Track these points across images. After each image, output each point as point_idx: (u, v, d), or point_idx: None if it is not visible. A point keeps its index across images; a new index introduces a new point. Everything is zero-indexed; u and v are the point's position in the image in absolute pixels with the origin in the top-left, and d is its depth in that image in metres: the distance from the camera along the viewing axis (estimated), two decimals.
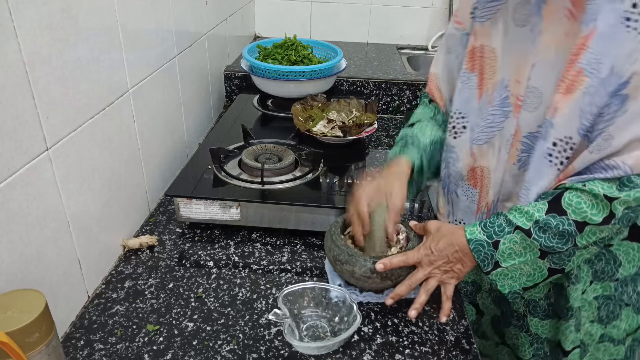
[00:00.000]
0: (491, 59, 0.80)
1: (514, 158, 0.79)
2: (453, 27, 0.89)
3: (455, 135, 0.88)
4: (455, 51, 0.89)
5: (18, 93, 0.62)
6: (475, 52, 0.83)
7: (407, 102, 1.65)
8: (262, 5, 2.11)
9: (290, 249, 0.97)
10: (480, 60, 0.82)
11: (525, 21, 0.75)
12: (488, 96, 0.82)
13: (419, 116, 0.98)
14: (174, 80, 1.18)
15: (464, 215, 0.91)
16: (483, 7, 0.80)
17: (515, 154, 0.78)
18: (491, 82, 0.81)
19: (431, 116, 0.97)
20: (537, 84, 0.73)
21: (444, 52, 0.92)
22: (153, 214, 1.06)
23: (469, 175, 0.87)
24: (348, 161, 1.19)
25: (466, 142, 0.86)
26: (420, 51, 2.13)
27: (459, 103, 0.86)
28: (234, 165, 1.08)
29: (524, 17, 0.75)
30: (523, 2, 0.74)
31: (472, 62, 0.83)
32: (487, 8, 0.80)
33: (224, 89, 1.67)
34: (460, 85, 0.85)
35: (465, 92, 0.85)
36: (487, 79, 0.82)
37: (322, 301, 0.80)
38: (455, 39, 0.88)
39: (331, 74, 1.46)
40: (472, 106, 0.84)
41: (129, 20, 0.91)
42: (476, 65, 0.83)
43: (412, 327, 0.79)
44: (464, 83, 0.85)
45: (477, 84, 0.83)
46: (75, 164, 0.76)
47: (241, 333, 0.76)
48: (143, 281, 0.86)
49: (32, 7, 0.63)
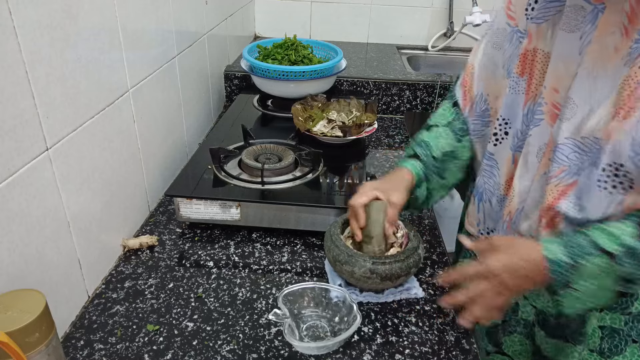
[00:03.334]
0: (542, 63, 0.75)
1: (545, 168, 0.74)
2: (504, 21, 0.81)
3: (495, 142, 0.83)
4: (503, 47, 0.82)
5: (18, 93, 0.62)
6: (527, 56, 0.77)
7: (407, 102, 1.65)
8: (262, 5, 2.11)
9: (290, 249, 0.97)
10: (531, 65, 0.77)
11: (575, 27, 0.69)
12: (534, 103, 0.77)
13: (437, 120, 0.94)
14: (174, 80, 1.18)
15: (496, 224, 0.86)
16: (542, 6, 0.75)
17: (547, 165, 0.74)
18: (540, 88, 0.76)
19: (449, 121, 0.93)
20: (575, 96, 0.69)
21: (490, 47, 0.85)
22: (153, 214, 1.06)
23: (506, 185, 0.83)
24: (348, 161, 1.19)
25: (507, 149, 0.82)
26: (420, 51, 2.13)
27: (504, 109, 0.81)
28: (234, 165, 1.08)
29: (575, 22, 0.69)
30: (577, 7, 0.69)
31: (522, 66, 0.78)
32: (546, 8, 0.74)
33: (224, 89, 1.67)
34: (508, 90, 0.80)
35: (512, 98, 0.80)
36: (535, 84, 0.77)
37: (322, 301, 0.80)
38: (504, 34, 0.82)
39: (331, 74, 1.46)
40: (517, 112, 0.79)
41: (129, 20, 0.91)
42: (526, 70, 0.77)
43: (412, 327, 0.79)
44: (512, 88, 0.79)
45: (525, 89, 0.78)
46: (75, 164, 0.76)
47: (241, 333, 0.76)
48: (143, 281, 0.86)
49: (32, 7, 0.63)
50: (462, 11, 2.05)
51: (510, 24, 0.81)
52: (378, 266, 0.78)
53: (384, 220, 0.81)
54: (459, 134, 0.91)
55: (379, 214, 0.81)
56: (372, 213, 0.81)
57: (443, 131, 0.92)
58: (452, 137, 0.91)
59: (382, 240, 0.83)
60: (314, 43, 1.64)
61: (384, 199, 0.82)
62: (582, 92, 0.68)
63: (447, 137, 0.91)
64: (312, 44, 1.63)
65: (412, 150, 0.92)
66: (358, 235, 0.83)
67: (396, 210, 0.82)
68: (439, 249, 0.99)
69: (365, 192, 0.82)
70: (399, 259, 0.79)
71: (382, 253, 0.83)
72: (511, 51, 0.80)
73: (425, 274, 0.91)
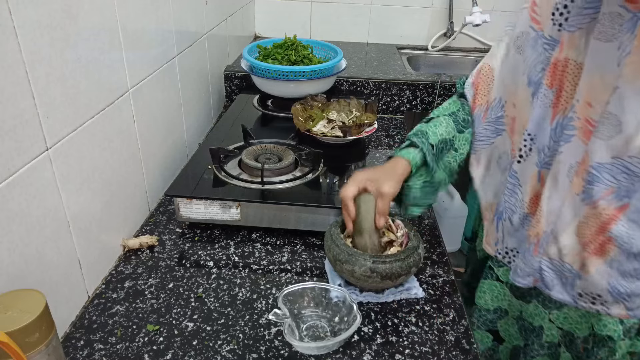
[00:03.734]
0: (574, 75, 0.69)
1: (579, 189, 0.69)
2: (528, 24, 0.75)
3: (519, 159, 0.77)
4: (526, 53, 0.76)
5: (18, 93, 0.62)
6: (557, 66, 0.70)
7: (407, 102, 1.65)
8: (262, 5, 2.11)
9: (290, 249, 0.97)
10: (562, 76, 0.70)
11: (612, 37, 0.63)
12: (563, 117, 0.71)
13: (439, 112, 0.91)
14: (174, 80, 1.18)
15: (516, 243, 0.82)
16: (576, 13, 0.67)
17: (581, 185, 0.68)
18: (570, 101, 0.70)
19: (453, 111, 0.89)
20: (617, 112, 0.63)
21: (513, 50, 0.79)
22: (153, 214, 1.06)
23: (531, 203, 0.77)
24: (348, 161, 1.19)
25: (531, 165, 0.76)
26: (420, 51, 2.13)
27: (531, 124, 0.75)
28: (234, 165, 1.08)
29: (611, 31, 0.63)
30: (613, 14, 0.62)
31: (552, 77, 0.71)
32: (580, 15, 0.67)
33: (224, 89, 1.67)
34: (534, 101, 0.74)
35: (540, 112, 0.73)
36: (565, 97, 0.70)
37: (322, 301, 0.80)
38: (528, 38, 0.75)
39: (331, 74, 1.46)
40: (544, 127, 0.73)
41: (129, 20, 0.91)
42: (555, 81, 0.71)
43: (412, 327, 0.79)
44: (540, 101, 0.73)
45: (553, 101, 0.72)
46: (75, 164, 0.76)
47: (241, 333, 0.76)
48: (143, 281, 0.86)
49: (32, 7, 0.63)
50: (462, 11, 2.06)
51: (535, 28, 0.74)
52: (378, 265, 0.78)
53: (374, 213, 0.80)
54: (462, 124, 0.87)
55: (368, 207, 0.80)
56: (361, 207, 0.81)
57: (444, 120, 0.88)
58: (452, 125, 0.87)
59: (374, 233, 0.82)
60: (314, 43, 1.64)
61: (373, 190, 0.80)
62: (626, 107, 0.62)
63: (447, 126, 0.87)
64: (312, 44, 1.63)
65: (408, 140, 0.88)
66: (350, 228, 0.82)
67: (387, 201, 0.81)
68: (439, 249, 0.99)
69: (354, 182, 0.81)
70: (399, 258, 0.79)
71: (375, 246, 0.83)
72: (534, 58, 0.74)
73: (425, 274, 0.91)
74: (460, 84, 0.94)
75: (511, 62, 0.80)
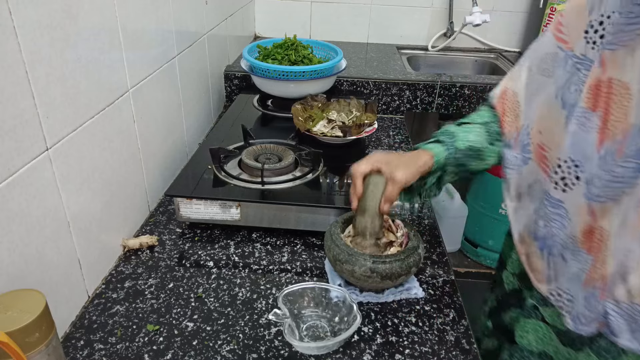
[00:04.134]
0: (622, 96, 0.62)
1: None
2: (554, 44, 0.71)
3: (564, 188, 0.70)
4: (554, 75, 0.71)
5: (18, 93, 0.62)
6: (600, 87, 0.64)
7: (407, 102, 1.65)
8: (262, 5, 2.11)
9: (290, 249, 0.97)
10: (607, 98, 0.64)
11: None
12: (617, 144, 0.63)
13: (472, 118, 0.87)
14: (174, 80, 1.18)
15: (571, 283, 0.73)
16: (617, 30, 0.62)
17: None
18: (621, 126, 0.62)
19: (486, 121, 0.85)
20: None
21: (537, 73, 0.75)
22: (153, 214, 1.06)
23: (584, 238, 0.69)
24: (348, 161, 1.18)
25: (580, 196, 0.68)
26: (420, 51, 2.13)
27: (571, 149, 0.68)
28: (234, 165, 1.08)
29: None
30: None
31: (595, 99, 0.65)
32: (622, 32, 0.61)
33: (224, 89, 1.67)
34: (575, 126, 0.67)
35: (581, 136, 0.67)
36: (613, 121, 0.63)
37: (322, 301, 0.80)
38: (555, 59, 0.71)
39: (331, 74, 1.46)
40: (590, 153, 0.66)
41: (129, 20, 0.91)
42: (600, 104, 0.64)
43: (412, 327, 0.79)
44: (581, 125, 0.66)
45: (599, 126, 0.65)
46: (75, 164, 0.76)
47: (241, 333, 0.76)
48: (143, 281, 0.86)
49: (32, 7, 0.63)
50: (462, 11, 2.06)
51: (563, 48, 0.70)
52: (378, 265, 0.78)
53: (381, 196, 0.79)
54: (494, 137, 0.83)
55: (376, 189, 0.79)
56: (370, 187, 0.80)
57: (477, 128, 0.84)
58: (484, 136, 0.83)
59: (377, 217, 0.81)
60: (314, 43, 1.64)
61: (387, 172, 0.78)
62: None
63: (479, 135, 0.83)
64: (312, 44, 1.63)
65: (435, 137, 0.84)
66: (354, 205, 0.80)
67: (397, 188, 0.77)
68: (439, 249, 0.99)
69: (369, 160, 0.79)
70: (399, 258, 0.79)
71: (375, 232, 0.83)
72: (566, 78, 0.69)
73: (425, 274, 0.91)
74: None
75: (535, 86, 0.76)
